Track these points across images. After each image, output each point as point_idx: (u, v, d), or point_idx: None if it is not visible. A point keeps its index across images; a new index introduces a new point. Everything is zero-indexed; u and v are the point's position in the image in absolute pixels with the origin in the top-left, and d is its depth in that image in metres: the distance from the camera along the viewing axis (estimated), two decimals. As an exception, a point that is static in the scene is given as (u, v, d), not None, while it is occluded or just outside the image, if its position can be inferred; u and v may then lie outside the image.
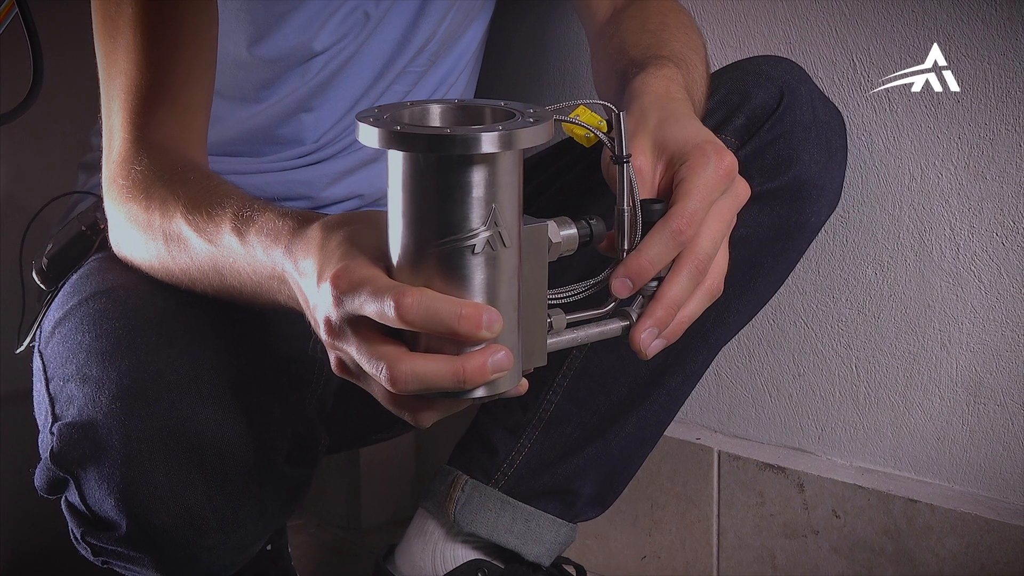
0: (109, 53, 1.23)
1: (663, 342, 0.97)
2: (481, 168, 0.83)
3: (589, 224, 0.93)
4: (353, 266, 0.86)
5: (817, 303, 1.54)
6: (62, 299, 1.25)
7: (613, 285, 0.95)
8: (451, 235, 0.83)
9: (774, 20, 1.49)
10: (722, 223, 0.98)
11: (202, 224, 1.08)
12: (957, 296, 1.44)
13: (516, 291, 0.87)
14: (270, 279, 1.01)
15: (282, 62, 1.42)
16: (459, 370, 0.84)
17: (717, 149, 0.98)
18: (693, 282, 0.96)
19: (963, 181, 1.41)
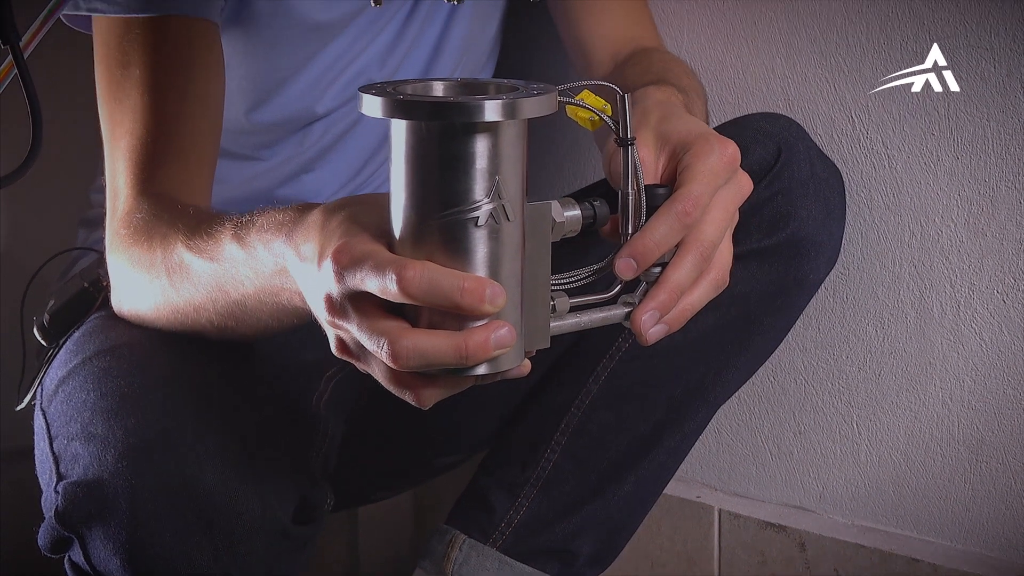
0: (114, 115, 1.24)
1: (665, 328, 0.96)
2: (484, 138, 0.83)
3: (593, 206, 0.93)
4: (355, 242, 0.86)
5: (817, 360, 1.53)
6: (65, 357, 1.26)
7: (617, 265, 0.94)
8: (454, 207, 0.83)
9: (772, 76, 1.50)
10: (726, 213, 0.98)
11: (203, 245, 1.09)
12: (958, 353, 1.44)
13: (519, 267, 0.87)
14: (272, 278, 1.00)
15: (284, 126, 1.43)
16: (461, 345, 0.84)
17: (720, 139, 0.99)
18: (697, 268, 0.96)
19: (963, 238, 1.41)
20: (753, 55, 1.51)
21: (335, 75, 1.41)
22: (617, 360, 1.35)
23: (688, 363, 1.34)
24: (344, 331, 0.88)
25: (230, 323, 1.12)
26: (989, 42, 1.36)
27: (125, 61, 1.23)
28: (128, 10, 1.23)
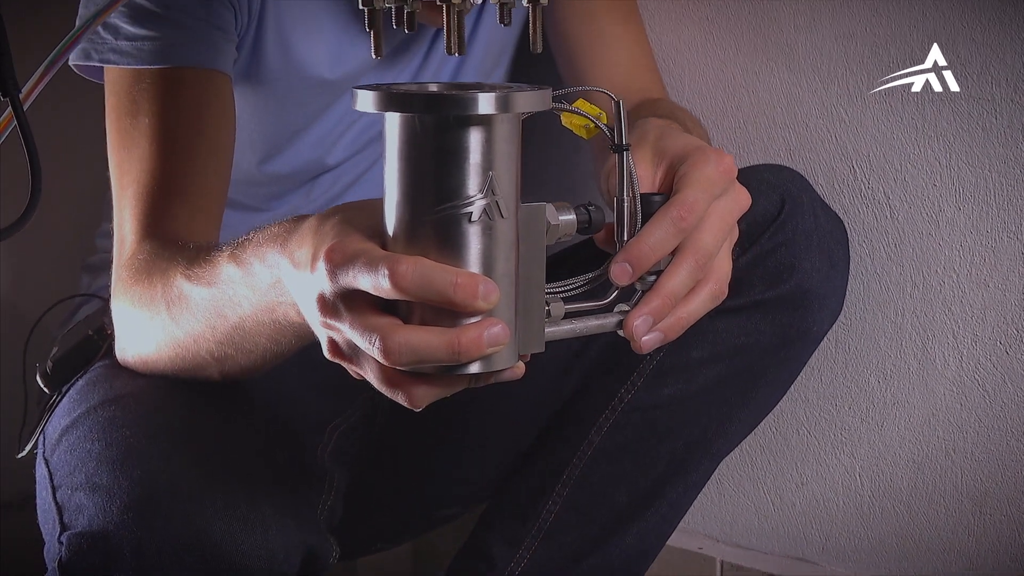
0: (122, 163, 1.25)
1: (660, 336, 0.95)
2: (478, 131, 0.83)
3: (588, 211, 0.93)
4: (347, 241, 0.86)
5: (820, 411, 1.53)
6: (68, 405, 1.25)
7: (613, 270, 0.94)
8: (447, 202, 0.83)
9: (773, 126, 1.51)
10: (723, 223, 0.97)
11: (201, 273, 1.09)
12: (961, 405, 1.44)
13: (514, 266, 0.86)
14: (267, 292, 1.00)
15: (294, 177, 1.43)
16: (454, 341, 0.83)
17: (716, 150, 0.99)
18: (692, 276, 0.95)
19: (966, 289, 1.42)
20: (754, 104, 1.52)
21: (344, 128, 1.42)
22: (619, 412, 1.34)
23: (691, 415, 1.33)
24: (336, 331, 0.88)
25: (229, 351, 1.12)
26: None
27: (135, 111, 1.23)
28: (140, 62, 1.23)
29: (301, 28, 1.32)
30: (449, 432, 1.42)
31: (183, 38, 1.23)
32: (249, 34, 1.30)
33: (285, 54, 1.33)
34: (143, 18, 1.23)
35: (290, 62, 1.33)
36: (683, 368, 1.32)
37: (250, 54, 1.32)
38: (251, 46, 1.31)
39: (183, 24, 1.23)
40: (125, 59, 1.24)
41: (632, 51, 1.47)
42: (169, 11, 1.23)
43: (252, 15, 1.29)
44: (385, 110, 0.83)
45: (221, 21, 1.26)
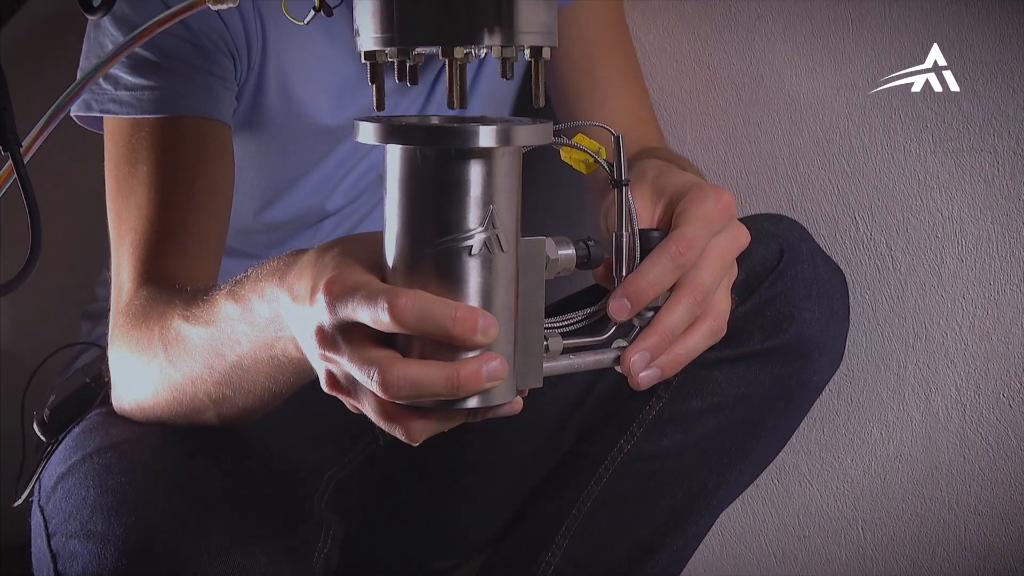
0: (120, 212, 1.25)
1: (657, 372, 0.96)
2: (479, 164, 0.83)
3: (587, 245, 0.94)
4: (347, 273, 0.86)
5: (822, 463, 1.53)
6: (64, 453, 1.25)
7: (611, 306, 0.94)
8: (448, 235, 0.83)
9: (775, 177, 1.51)
10: (722, 261, 0.98)
11: (199, 313, 1.10)
12: (964, 458, 1.43)
13: (513, 300, 0.87)
14: (266, 328, 1.00)
15: (294, 223, 1.44)
16: (453, 375, 0.83)
17: (715, 187, 1.00)
18: (690, 313, 0.96)
19: (968, 341, 1.41)
20: (755, 154, 1.52)
21: (345, 172, 1.43)
22: (619, 462, 1.34)
23: (691, 466, 1.33)
24: (334, 363, 0.88)
25: (227, 392, 1.11)
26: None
27: (133, 159, 1.24)
28: (140, 111, 1.24)
29: (303, 76, 1.33)
30: (448, 482, 1.42)
31: (182, 87, 1.24)
32: (250, 82, 1.31)
33: (287, 102, 1.33)
34: (143, 68, 1.24)
35: (292, 110, 1.34)
36: (683, 418, 1.32)
37: (252, 102, 1.32)
38: (253, 94, 1.32)
39: (183, 73, 1.24)
40: (125, 108, 1.25)
41: (631, 102, 1.48)
42: (169, 60, 1.24)
43: (252, 64, 1.30)
44: (386, 142, 0.84)
45: (221, 70, 1.27)
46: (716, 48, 1.54)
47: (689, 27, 1.55)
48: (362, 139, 0.84)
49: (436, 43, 0.83)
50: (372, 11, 0.84)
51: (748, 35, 1.51)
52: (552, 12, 0.85)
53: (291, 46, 1.32)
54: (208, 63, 1.26)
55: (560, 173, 1.55)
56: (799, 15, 1.47)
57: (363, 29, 0.85)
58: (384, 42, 0.84)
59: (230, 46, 1.27)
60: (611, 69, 1.47)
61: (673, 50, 1.57)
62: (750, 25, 1.51)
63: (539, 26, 0.84)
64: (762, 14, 1.50)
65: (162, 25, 0.94)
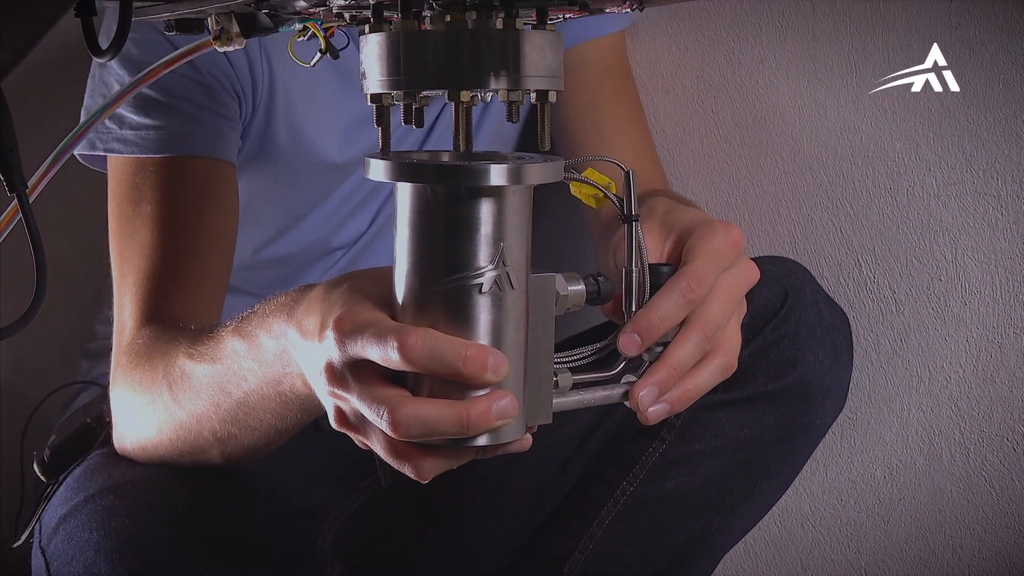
0: (124, 251, 1.25)
1: (667, 407, 0.96)
2: (490, 202, 0.84)
3: (597, 281, 0.94)
4: (357, 310, 0.86)
5: (825, 505, 1.52)
6: (65, 495, 1.25)
7: (621, 341, 0.94)
8: (458, 273, 0.84)
9: (778, 219, 1.52)
10: (732, 296, 0.98)
11: (204, 350, 1.10)
12: (968, 501, 1.43)
13: (523, 338, 0.87)
14: (273, 364, 1.00)
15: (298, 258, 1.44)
16: (463, 414, 0.83)
17: (724, 223, 1.01)
18: (700, 348, 0.96)
19: (972, 384, 1.41)
20: (759, 197, 1.53)
21: (351, 208, 1.43)
22: (622, 504, 1.34)
23: (693, 509, 1.33)
24: (344, 401, 0.88)
25: (233, 430, 1.11)
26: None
27: (137, 198, 1.24)
28: (144, 151, 1.25)
29: (312, 114, 1.34)
30: (449, 524, 1.41)
31: (187, 127, 1.25)
32: (257, 120, 1.32)
33: (295, 139, 1.34)
34: (148, 107, 1.25)
35: (300, 147, 1.35)
36: (686, 460, 1.32)
37: (259, 139, 1.33)
38: (260, 131, 1.32)
39: (188, 113, 1.25)
40: (130, 148, 1.25)
41: (636, 145, 1.48)
42: (174, 100, 1.25)
43: (259, 103, 1.30)
44: (397, 180, 0.84)
45: (226, 110, 1.27)
46: (719, 90, 1.55)
47: (692, 69, 1.56)
48: (372, 176, 0.85)
49: (442, 87, 0.83)
50: (379, 54, 0.84)
51: (751, 78, 1.52)
52: (559, 56, 0.85)
53: (299, 84, 1.32)
54: (214, 103, 1.26)
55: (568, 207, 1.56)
56: (802, 58, 1.48)
57: (369, 72, 0.85)
58: (391, 85, 0.84)
59: (236, 86, 1.28)
60: (615, 111, 1.48)
61: (676, 92, 1.57)
62: (753, 68, 1.51)
63: (545, 70, 0.84)
64: (765, 57, 1.50)
65: (169, 66, 0.95)
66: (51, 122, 1.16)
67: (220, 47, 0.94)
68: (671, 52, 1.58)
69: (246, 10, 0.93)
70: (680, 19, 1.57)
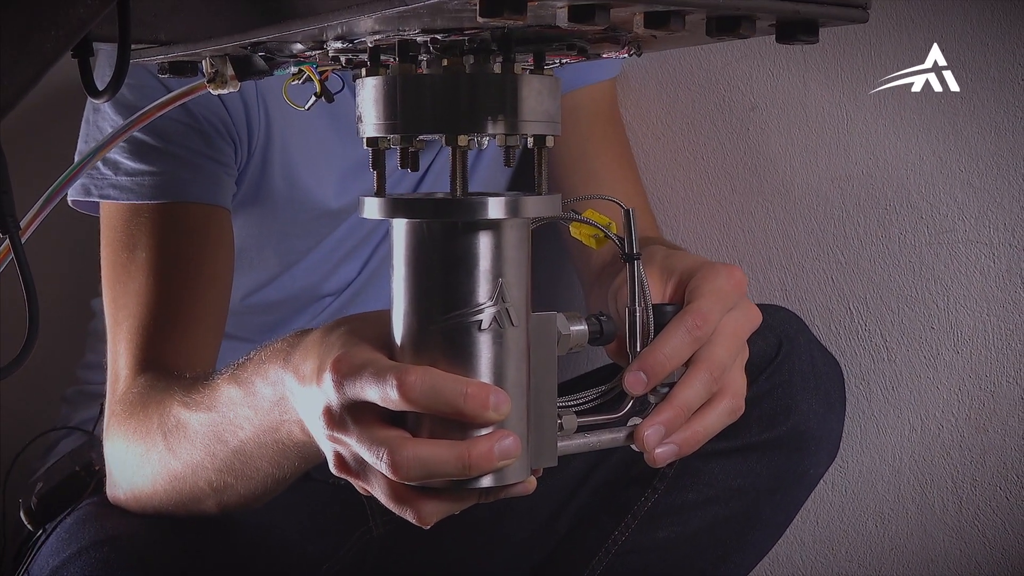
0: (118, 298, 1.25)
1: (674, 449, 0.94)
2: (487, 236, 0.83)
3: (599, 321, 0.93)
4: (355, 351, 0.85)
5: (816, 555, 1.52)
6: (57, 545, 1.23)
7: (627, 379, 0.93)
8: (456, 309, 0.83)
9: (770, 267, 1.52)
10: (736, 338, 0.97)
11: (199, 399, 1.08)
12: (960, 551, 1.43)
13: (525, 376, 0.85)
14: (270, 412, 0.99)
15: (289, 304, 1.43)
16: (464, 454, 0.82)
17: (726, 265, 1.00)
18: (707, 388, 0.95)
19: (964, 433, 1.42)
20: (749, 244, 1.53)
21: (343, 253, 1.43)
22: (613, 554, 1.33)
23: (686, 558, 1.33)
24: (343, 445, 0.86)
25: (229, 479, 1.10)
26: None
27: (132, 244, 1.24)
28: (140, 197, 1.24)
29: (308, 160, 1.34)
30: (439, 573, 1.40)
31: (184, 173, 1.25)
32: (253, 165, 1.32)
33: (291, 186, 1.34)
34: (144, 153, 1.25)
35: (296, 193, 1.35)
36: (678, 510, 1.31)
37: (255, 184, 1.33)
38: (256, 177, 1.32)
39: (184, 159, 1.25)
40: (125, 195, 1.25)
41: (627, 191, 1.49)
42: (170, 146, 1.24)
43: (255, 148, 1.30)
44: (392, 216, 0.84)
45: (222, 156, 1.27)
46: (710, 137, 1.55)
47: (683, 115, 1.57)
48: (367, 215, 0.84)
49: (439, 131, 0.83)
50: (375, 98, 0.84)
51: (742, 124, 1.53)
52: (556, 101, 0.85)
53: (295, 130, 1.32)
54: (210, 148, 1.26)
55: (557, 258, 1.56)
56: (793, 105, 1.49)
57: (365, 115, 0.85)
58: (387, 129, 0.84)
59: (231, 131, 1.28)
60: (606, 158, 1.48)
61: (667, 139, 1.58)
62: (744, 115, 1.52)
63: (543, 115, 0.84)
64: (756, 104, 1.51)
65: (163, 108, 0.94)
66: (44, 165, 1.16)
67: (214, 90, 0.94)
68: (661, 100, 1.59)
69: (241, 53, 0.93)
70: (671, 67, 1.58)
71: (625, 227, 0.94)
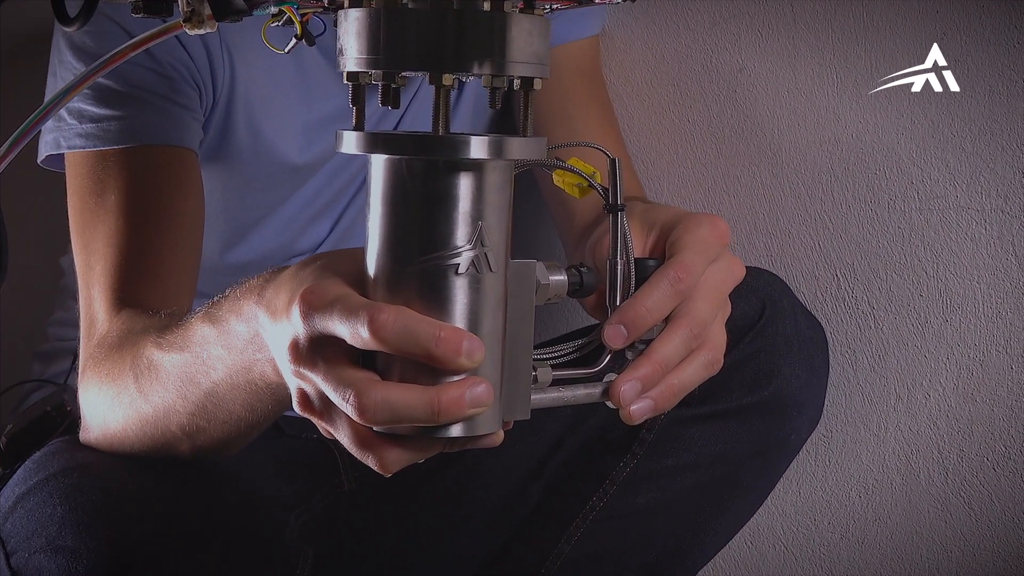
0: (88, 243, 1.24)
1: (650, 404, 0.94)
2: (468, 177, 0.82)
3: (580, 272, 0.92)
4: (326, 285, 0.84)
5: (798, 525, 1.53)
6: (23, 475, 1.22)
7: (606, 332, 0.93)
8: (433, 252, 0.82)
9: (755, 232, 1.53)
10: (717, 292, 0.97)
11: (172, 339, 1.08)
12: (945, 522, 1.44)
13: (501, 324, 0.85)
14: (244, 350, 0.98)
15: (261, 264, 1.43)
16: (433, 400, 0.81)
17: (709, 215, 1.00)
18: (686, 346, 0.94)
19: (952, 403, 1.43)
20: (735, 208, 1.54)
21: (314, 212, 1.43)
22: (591, 520, 1.34)
23: (664, 525, 1.33)
24: (308, 382, 0.86)
25: (201, 423, 1.09)
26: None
27: (100, 189, 1.24)
28: (106, 142, 1.25)
29: (271, 112, 1.34)
30: (411, 532, 1.41)
31: (149, 116, 1.25)
32: (217, 115, 1.32)
33: (254, 138, 1.34)
34: (108, 98, 1.25)
35: (259, 146, 1.35)
36: (658, 476, 1.32)
37: (219, 136, 1.33)
38: (220, 128, 1.33)
39: (149, 102, 1.25)
40: (92, 142, 1.25)
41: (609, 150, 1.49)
42: (134, 90, 1.25)
43: (219, 95, 1.30)
44: (371, 152, 0.83)
45: (187, 100, 1.27)
46: (696, 100, 1.56)
47: (668, 78, 1.57)
48: (345, 149, 0.83)
49: (424, 68, 0.82)
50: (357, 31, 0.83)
51: (729, 87, 1.53)
52: (546, 42, 0.84)
53: (259, 81, 1.33)
54: (174, 92, 1.26)
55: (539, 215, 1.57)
56: (782, 67, 1.50)
57: (347, 49, 0.84)
58: (369, 64, 0.83)
59: (196, 77, 1.28)
60: (588, 117, 1.48)
61: (652, 101, 1.59)
62: (731, 77, 1.53)
63: (532, 56, 0.83)
64: (744, 65, 1.52)
65: (130, 52, 0.93)
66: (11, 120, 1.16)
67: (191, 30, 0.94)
68: (647, 60, 1.59)
69: (219, -10, 0.92)
70: (657, 27, 1.58)
71: (610, 177, 0.94)
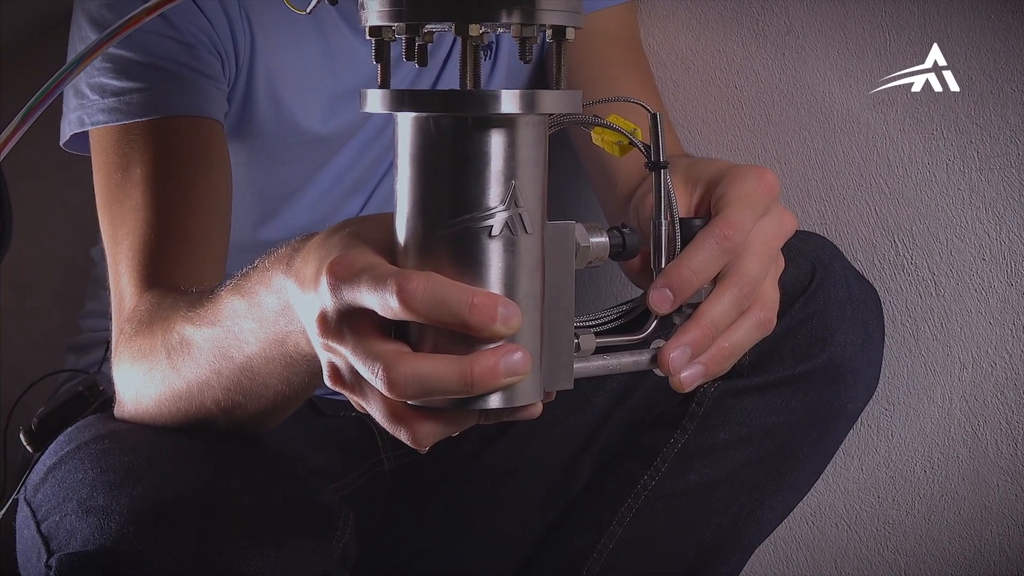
0: (116, 218, 1.26)
1: (702, 370, 0.92)
2: (500, 134, 0.81)
3: (622, 234, 0.90)
4: (354, 254, 0.83)
5: (860, 503, 1.53)
6: (54, 449, 1.24)
7: (652, 297, 0.91)
8: (465, 213, 0.80)
9: (807, 199, 1.54)
10: (769, 249, 0.96)
11: (203, 313, 1.09)
12: (1016, 496, 1.44)
13: (539, 289, 0.83)
14: (276, 323, 0.98)
15: None
16: (466, 369, 0.79)
17: (756, 167, 0.98)
18: (737, 307, 0.93)
19: (1019, 370, 1.43)
20: (787, 175, 1.55)
21: (348, 187, 1.45)
22: (643, 500, 1.35)
23: (719, 503, 1.34)
24: (338, 355, 0.85)
25: (238, 398, 1.10)
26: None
27: (125, 163, 1.26)
28: (129, 116, 1.27)
29: (292, 81, 1.36)
30: (454, 518, 1.42)
31: (171, 86, 1.27)
32: (239, 86, 1.34)
33: (276, 107, 1.36)
34: (129, 70, 1.27)
35: (282, 116, 1.36)
36: (710, 451, 1.33)
37: (241, 108, 1.35)
38: (241, 100, 1.35)
39: (171, 72, 1.27)
40: (115, 116, 1.27)
41: None
42: (155, 60, 1.27)
43: (241, 65, 1.32)
44: (397, 110, 0.82)
45: (209, 68, 1.29)
46: (743, 63, 1.57)
47: (714, 41, 1.58)
48: (370, 108, 0.83)
49: (449, 19, 0.81)
50: None
51: (777, 48, 1.54)
52: None
53: (280, 50, 1.34)
54: (196, 61, 1.28)
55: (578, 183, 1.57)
56: (832, 26, 1.50)
57: (368, 2, 0.83)
58: (392, 16, 0.82)
59: (217, 45, 1.30)
60: (626, 82, 1.48)
61: (697, 66, 1.59)
62: (779, 39, 1.53)
63: (563, 3, 0.82)
64: (792, 26, 1.52)
65: (145, 17, 0.93)
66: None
67: None
68: (691, 26, 1.60)
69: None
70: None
71: (652, 133, 0.92)
